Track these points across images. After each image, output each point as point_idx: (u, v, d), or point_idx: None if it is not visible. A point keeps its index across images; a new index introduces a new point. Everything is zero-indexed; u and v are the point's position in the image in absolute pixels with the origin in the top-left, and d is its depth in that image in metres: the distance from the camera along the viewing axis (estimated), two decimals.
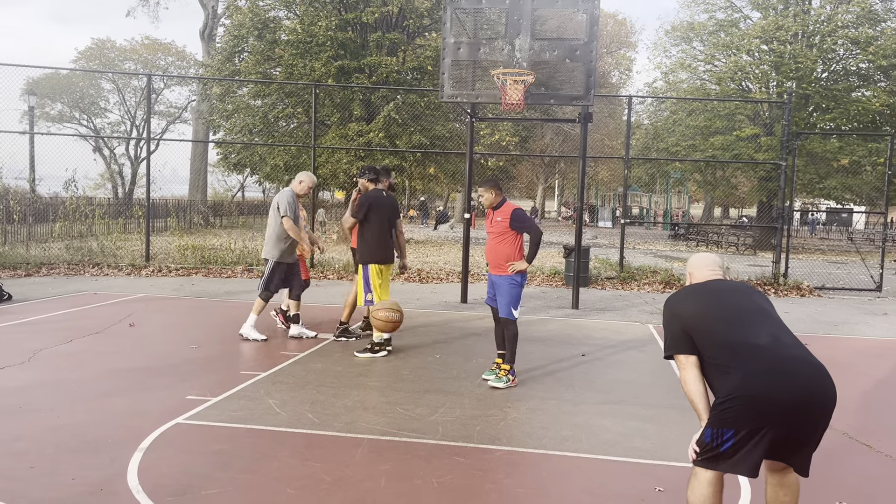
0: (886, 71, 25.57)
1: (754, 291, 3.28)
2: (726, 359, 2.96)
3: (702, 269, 3.40)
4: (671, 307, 3.25)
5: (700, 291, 3.26)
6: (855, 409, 5.80)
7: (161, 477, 3.93)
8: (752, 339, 2.96)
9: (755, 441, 2.86)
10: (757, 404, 2.83)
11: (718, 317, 3.08)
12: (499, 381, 6.03)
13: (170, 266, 13.89)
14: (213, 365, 6.52)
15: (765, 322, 3.06)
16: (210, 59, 26.79)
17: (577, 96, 9.14)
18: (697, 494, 2.99)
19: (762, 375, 2.86)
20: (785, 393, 2.82)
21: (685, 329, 3.12)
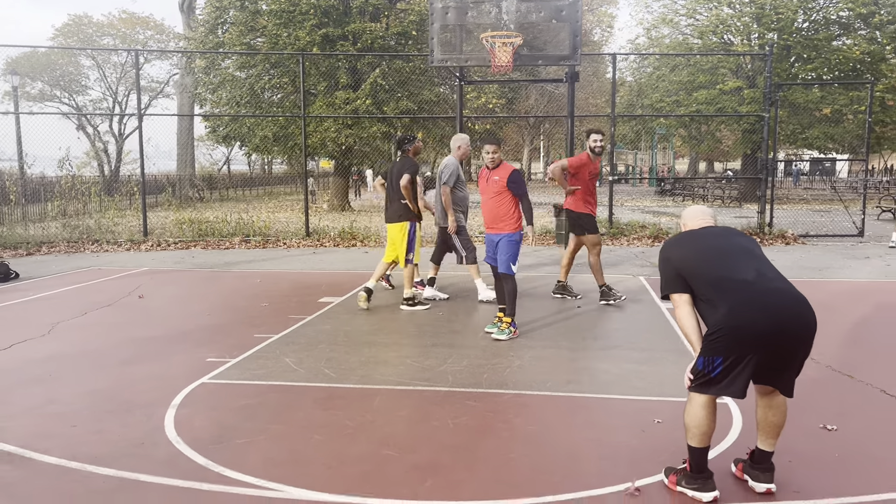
0: (866, 18, 25.73)
1: (739, 234, 3.58)
2: (714, 294, 3.26)
3: (694, 220, 3.70)
4: (664, 253, 3.55)
5: (689, 237, 3.56)
6: (838, 344, 6.16)
7: (196, 430, 4.22)
8: (737, 275, 3.25)
9: (742, 366, 3.17)
10: (742, 333, 3.13)
11: (706, 257, 3.38)
12: (501, 333, 6.34)
13: (168, 240, 14.08)
14: (226, 330, 6.79)
15: (749, 259, 3.35)
16: (192, 32, 26.58)
17: (564, 56, 9.33)
18: (693, 416, 3.32)
19: (746, 307, 3.15)
20: (767, 322, 3.11)
21: (677, 271, 3.42)
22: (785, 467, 3.64)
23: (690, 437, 3.34)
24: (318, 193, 32.72)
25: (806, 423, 4.28)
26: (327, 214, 21.00)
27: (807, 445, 3.96)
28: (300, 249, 13.32)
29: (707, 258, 3.37)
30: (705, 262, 3.36)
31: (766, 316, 3.13)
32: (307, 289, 9.03)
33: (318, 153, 22.27)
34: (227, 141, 23.32)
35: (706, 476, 3.34)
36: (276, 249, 13.34)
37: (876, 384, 5.04)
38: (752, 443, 3.56)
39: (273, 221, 16.53)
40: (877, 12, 25.45)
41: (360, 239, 14.19)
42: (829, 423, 4.28)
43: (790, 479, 3.53)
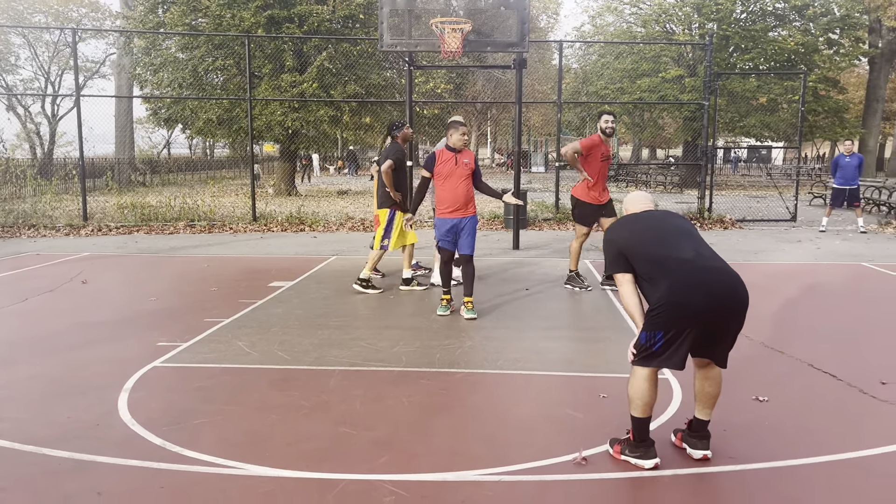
0: (800, 10, 26.65)
1: (678, 216, 3.80)
2: (655, 272, 3.45)
3: (635, 204, 3.90)
4: (609, 235, 3.75)
5: (632, 220, 3.76)
6: (770, 322, 6.49)
7: (151, 412, 4.23)
8: (676, 254, 3.44)
9: (681, 340, 3.38)
10: (682, 309, 3.33)
11: (647, 238, 3.58)
12: (472, 312, 6.50)
13: (109, 225, 13.77)
14: (175, 315, 6.75)
15: (687, 240, 3.55)
16: (130, 11, 25.80)
17: (512, 43, 9.46)
18: (636, 388, 3.52)
19: (685, 284, 3.35)
20: (704, 299, 3.32)
21: (620, 251, 3.61)
22: (720, 436, 3.87)
23: (633, 408, 3.54)
24: (264, 178, 32.27)
25: (740, 396, 4.53)
26: (273, 199, 20.77)
27: (741, 416, 4.21)
28: (247, 234, 13.21)
29: (648, 239, 3.57)
30: (647, 243, 3.55)
31: (703, 293, 3.33)
32: (256, 273, 8.99)
33: (264, 137, 21.96)
34: (170, 124, 22.77)
35: (648, 444, 3.55)
36: (223, 234, 13.19)
37: (804, 359, 5.35)
38: (690, 415, 3.77)
39: (218, 206, 16.30)
40: (810, 4, 26.38)
41: (309, 224, 14.13)
42: (762, 395, 4.54)
43: (725, 447, 3.76)
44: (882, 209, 16.91)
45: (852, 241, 12.24)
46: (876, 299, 7.49)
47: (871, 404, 4.41)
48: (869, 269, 9.33)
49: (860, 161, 13.55)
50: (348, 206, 18.86)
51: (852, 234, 13.12)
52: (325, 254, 10.67)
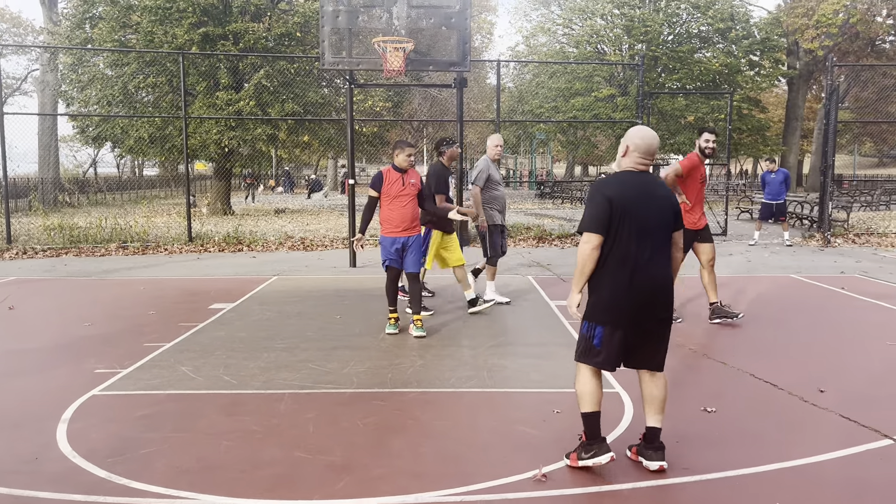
0: (723, 33, 27.82)
1: (662, 200, 3.61)
2: (615, 260, 3.52)
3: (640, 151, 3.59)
4: (605, 191, 3.53)
5: (634, 185, 3.56)
6: (710, 334, 6.68)
7: (92, 442, 4.05)
8: (637, 250, 3.51)
9: (614, 341, 3.57)
10: (620, 311, 3.52)
11: (630, 215, 3.49)
12: (421, 330, 6.48)
13: (35, 247, 13.20)
14: (112, 340, 6.50)
15: (654, 236, 3.55)
16: (55, 27, 24.98)
17: (454, 62, 9.54)
18: (583, 384, 3.67)
19: (626, 289, 3.51)
20: (635, 305, 3.52)
21: (611, 214, 3.49)
22: (674, 447, 3.94)
23: (583, 405, 3.65)
24: (197, 197, 31.53)
25: (688, 407, 4.63)
26: (209, 219, 20.32)
27: (691, 427, 4.30)
28: (183, 255, 12.86)
29: (631, 216, 3.49)
30: (631, 229, 3.49)
31: (636, 299, 3.52)
32: (195, 295, 8.75)
33: (199, 156, 21.48)
34: (98, 142, 22.03)
35: (600, 441, 3.63)
36: (157, 255, 12.80)
37: (745, 369, 5.52)
38: (643, 428, 3.83)
39: (151, 226, 15.83)
40: (733, 27, 27.56)
41: (247, 244, 13.86)
42: (709, 406, 4.65)
43: (679, 458, 3.83)
44: (805, 223, 17.67)
45: (780, 254, 12.75)
46: (806, 309, 7.80)
47: (812, 412, 4.57)
48: (797, 281, 9.72)
49: (785, 177, 14.15)
50: (287, 224, 18.59)
51: (779, 248, 13.66)
52: (266, 274, 10.48)
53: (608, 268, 3.53)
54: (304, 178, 46.74)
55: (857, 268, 10.82)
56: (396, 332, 6.64)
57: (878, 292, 8.77)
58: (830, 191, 14.33)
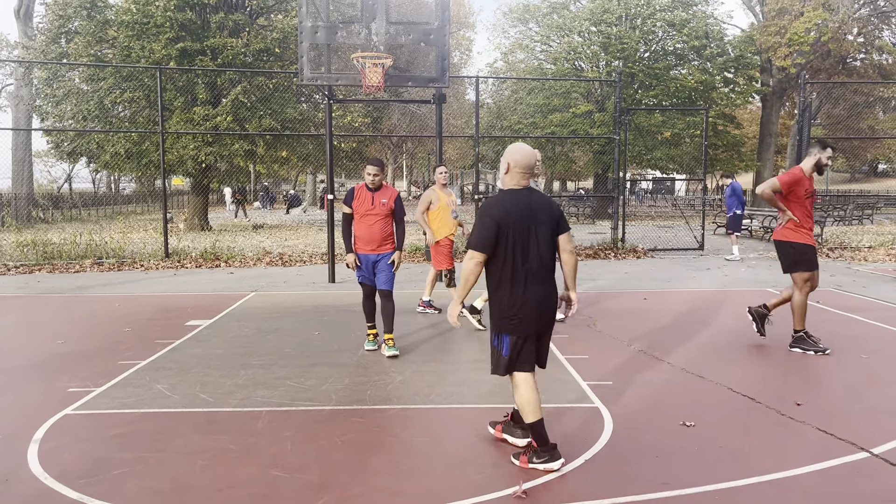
0: (698, 51, 28.22)
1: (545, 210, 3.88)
2: (509, 275, 3.80)
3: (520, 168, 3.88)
4: (490, 212, 3.81)
5: (509, 201, 3.84)
6: (688, 348, 6.71)
7: (64, 463, 3.96)
8: (526, 260, 3.80)
9: (523, 344, 3.86)
10: (521, 320, 3.81)
11: (516, 229, 3.79)
12: (393, 349, 6.37)
13: (7, 264, 12.98)
14: (86, 358, 6.39)
15: (542, 250, 3.84)
16: (30, 41, 24.75)
17: (433, 78, 9.58)
18: (522, 396, 3.87)
19: (522, 300, 3.80)
20: (535, 312, 3.82)
21: (498, 234, 3.78)
22: (653, 462, 3.95)
23: (526, 415, 3.86)
24: (174, 212, 31.26)
25: (667, 422, 4.64)
26: (186, 234, 20.14)
27: (670, 441, 4.30)
28: (159, 271, 12.71)
29: (517, 230, 3.79)
30: (514, 231, 3.78)
31: (535, 307, 3.82)
32: (172, 312, 8.65)
33: (176, 171, 21.32)
34: (73, 157, 21.79)
35: (551, 447, 3.86)
36: (133, 272, 12.64)
37: (723, 383, 5.55)
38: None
39: (127, 242, 15.65)
40: (707, 45, 27.97)
41: (225, 259, 13.74)
42: (688, 420, 4.67)
43: (658, 472, 3.83)
44: None
45: (755, 268, 12.88)
46: (783, 323, 7.87)
47: (790, 425, 4.60)
48: (774, 295, 9.81)
49: (732, 190, 14.59)
50: (265, 240, 18.47)
51: (755, 261, 13.81)
52: (244, 290, 10.39)
53: (504, 282, 3.82)
54: (283, 194, 46.53)
55: (831, 282, 10.96)
56: (375, 349, 6.60)
57: (852, 306, 8.89)
58: None
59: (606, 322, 7.98)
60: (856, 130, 35.05)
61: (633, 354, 6.49)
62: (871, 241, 16.90)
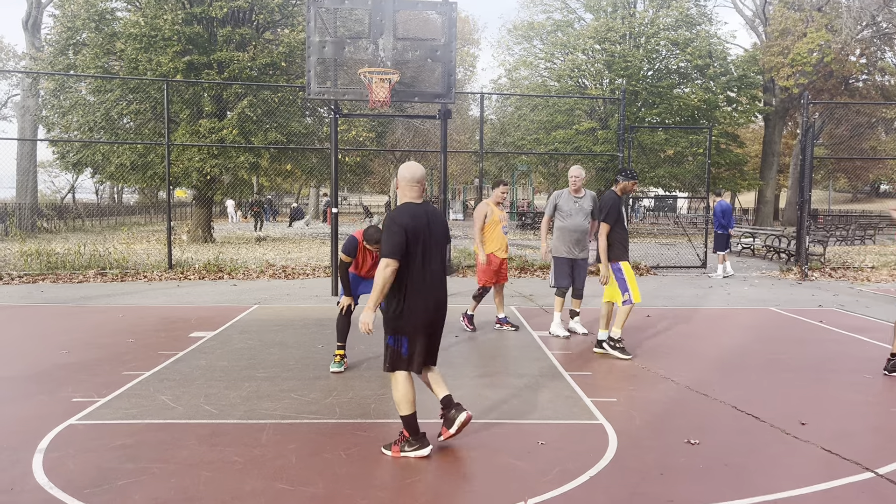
0: (702, 70, 28.37)
1: (439, 223, 4.34)
2: (412, 279, 4.15)
3: (411, 186, 4.30)
4: (399, 220, 4.14)
5: (411, 213, 4.20)
6: (693, 366, 6.71)
7: (70, 473, 3.96)
8: (422, 266, 4.18)
9: (418, 347, 4.23)
10: (417, 320, 4.19)
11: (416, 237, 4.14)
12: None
13: (11, 273, 13.01)
14: (90, 368, 6.40)
15: (436, 258, 4.25)
16: (37, 52, 24.93)
17: (439, 94, 9.64)
18: (399, 391, 4.24)
19: (422, 299, 4.17)
20: (429, 314, 4.23)
21: (407, 240, 4.11)
22: (658, 480, 3.94)
23: (402, 409, 4.23)
24: (177, 223, 31.28)
25: (672, 439, 4.64)
26: (189, 246, 20.17)
27: (675, 459, 4.30)
28: (163, 283, 12.73)
29: (418, 238, 4.16)
30: (415, 241, 4.15)
31: (430, 309, 4.22)
32: (175, 323, 8.66)
33: (181, 183, 21.39)
34: (78, 168, 21.88)
35: (421, 437, 4.25)
36: (137, 283, 12.66)
37: (728, 401, 5.54)
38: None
39: (131, 253, 15.68)
40: (711, 64, 28.12)
41: (228, 271, 13.76)
42: (693, 438, 4.66)
43: (664, 490, 3.83)
44: (782, 256, 17.91)
45: (758, 287, 12.88)
46: (786, 342, 7.87)
47: (794, 444, 4.59)
48: (777, 314, 9.82)
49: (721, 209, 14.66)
50: (268, 252, 18.50)
51: (758, 280, 13.82)
52: (247, 302, 10.40)
53: (406, 286, 4.16)
54: (286, 207, 46.63)
55: (834, 301, 10.96)
56: (341, 371, 6.33)
57: (856, 326, 8.88)
58: (807, 225, 14.55)
59: None
60: (858, 151, 35.15)
61: (638, 371, 6.49)
62: (873, 261, 16.91)
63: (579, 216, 7.94)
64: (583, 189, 8.04)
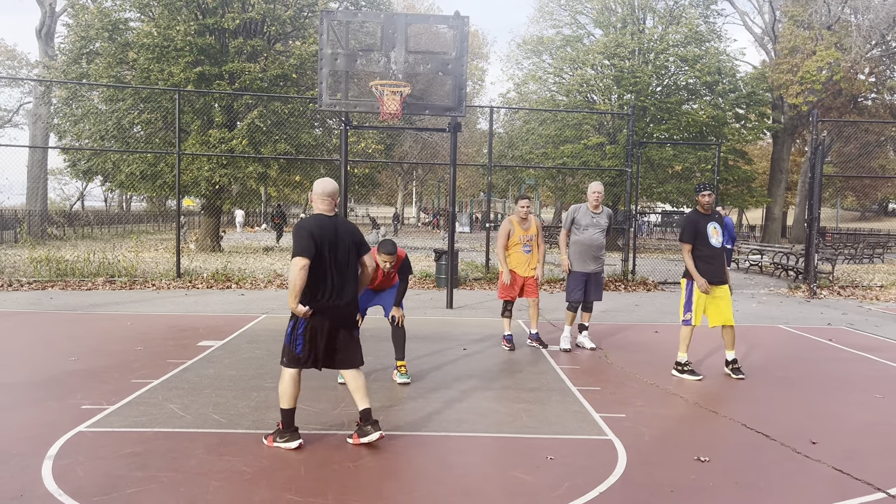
0: (710, 86, 28.42)
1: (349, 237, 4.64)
2: (316, 283, 4.47)
3: (322, 199, 4.65)
4: (305, 225, 4.50)
5: (327, 226, 4.55)
6: (703, 382, 6.68)
7: (79, 480, 3.97)
8: (331, 278, 4.50)
9: (314, 347, 4.53)
10: (318, 323, 4.50)
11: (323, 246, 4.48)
12: (405, 376, 6.36)
13: (21, 280, 13.07)
14: (99, 376, 6.41)
15: (342, 266, 4.55)
16: (51, 60, 25.15)
17: (450, 107, 9.69)
18: (284, 386, 4.55)
19: (326, 307, 4.50)
20: (330, 319, 4.53)
21: (314, 243, 4.44)
22: (668, 497, 3.92)
23: (282, 402, 4.55)
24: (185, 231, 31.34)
25: (682, 456, 4.62)
26: (197, 255, 20.24)
27: (685, 476, 4.27)
28: (171, 291, 12.77)
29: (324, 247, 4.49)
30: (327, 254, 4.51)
31: (329, 314, 4.53)
32: (184, 332, 8.68)
33: (190, 192, 21.51)
34: (89, 176, 22.02)
35: (292, 430, 4.56)
36: (145, 291, 12.71)
37: (737, 418, 5.51)
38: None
39: (139, 261, 15.74)
40: (720, 81, 28.17)
41: (236, 281, 13.79)
42: (703, 455, 4.64)
43: None
44: (791, 274, 17.85)
45: (766, 304, 12.83)
46: (796, 360, 7.84)
47: (805, 463, 4.57)
48: (786, 332, 9.78)
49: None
50: (276, 262, 18.54)
51: (766, 297, 13.76)
52: (255, 312, 10.42)
53: (309, 289, 4.47)
54: (294, 217, 46.73)
55: (843, 320, 10.91)
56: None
57: (865, 345, 8.84)
58: (816, 243, 14.50)
59: (618, 354, 7.96)
60: (867, 169, 35.10)
61: (646, 387, 6.47)
62: (882, 279, 16.83)
63: (595, 231, 8.02)
64: (601, 205, 8.09)
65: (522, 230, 7.96)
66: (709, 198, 6.91)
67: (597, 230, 8.02)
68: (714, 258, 6.88)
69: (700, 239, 6.88)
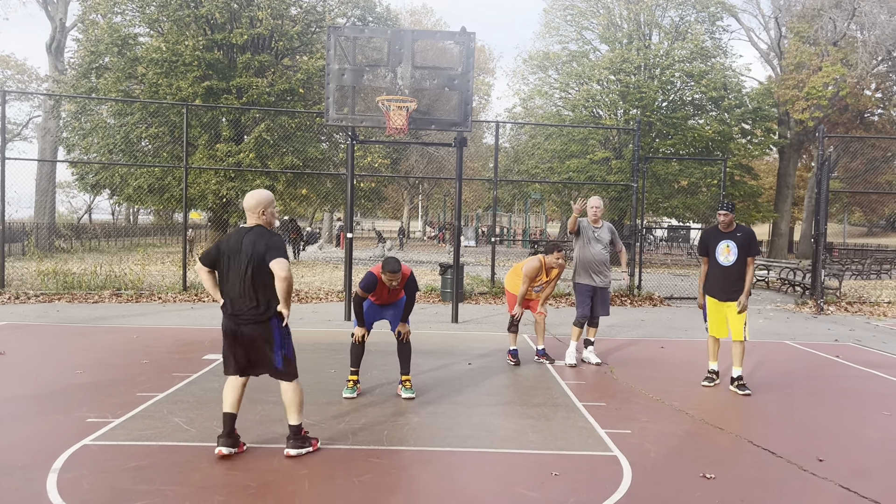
0: (716, 102, 28.44)
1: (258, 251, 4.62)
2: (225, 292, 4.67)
3: (247, 211, 4.76)
4: (220, 240, 4.76)
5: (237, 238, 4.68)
6: (707, 399, 6.65)
7: (84, 493, 3.97)
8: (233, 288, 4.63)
9: (231, 355, 4.75)
10: (228, 332, 4.71)
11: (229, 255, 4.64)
12: (410, 391, 6.35)
13: (28, 292, 13.13)
14: (105, 389, 6.42)
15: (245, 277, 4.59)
16: (60, 75, 25.39)
17: (456, 122, 9.73)
18: (226, 390, 4.78)
19: (230, 315, 4.67)
20: (234, 328, 4.67)
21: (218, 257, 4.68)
22: None
23: (223, 406, 4.72)
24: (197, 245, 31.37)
25: (688, 473, 4.59)
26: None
27: (691, 493, 4.25)
28: (177, 304, 12.80)
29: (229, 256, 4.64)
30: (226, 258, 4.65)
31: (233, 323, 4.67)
32: (189, 345, 8.69)
33: (197, 205, 21.62)
34: (97, 189, 22.16)
35: (223, 434, 4.67)
36: (151, 304, 12.74)
37: (743, 435, 5.49)
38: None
39: (146, 274, 15.79)
40: (726, 96, 28.20)
41: None
42: (708, 472, 4.62)
43: None
44: (797, 290, 17.78)
45: (773, 319, 12.78)
46: (803, 376, 7.80)
47: (812, 481, 4.54)
48: (793, 348, 9.74)
49: None
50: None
51: (773, 313, 13.71)
52: None
53: (222, 295, 4.69)
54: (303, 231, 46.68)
55: (850, 336, 10.86)
56: (354, 397, 6.34)
57: (873, 361, 8.79)
58: (823, 258, 14.45)
59: (624, 370, 7.94)
60: (874, 185, 35.01)
61: (652, 403, 6.44)
62: (890, 296, 16.75)
63: (597, 246, 8.02)
64: (601, 220, 8.10)
65: (546, 277, 7.97)
66: (723, 217, 7.04)
67: (599, 245, 8.03)
68: (723, 277, 7.00)
69: (710, 255, 7.13)
